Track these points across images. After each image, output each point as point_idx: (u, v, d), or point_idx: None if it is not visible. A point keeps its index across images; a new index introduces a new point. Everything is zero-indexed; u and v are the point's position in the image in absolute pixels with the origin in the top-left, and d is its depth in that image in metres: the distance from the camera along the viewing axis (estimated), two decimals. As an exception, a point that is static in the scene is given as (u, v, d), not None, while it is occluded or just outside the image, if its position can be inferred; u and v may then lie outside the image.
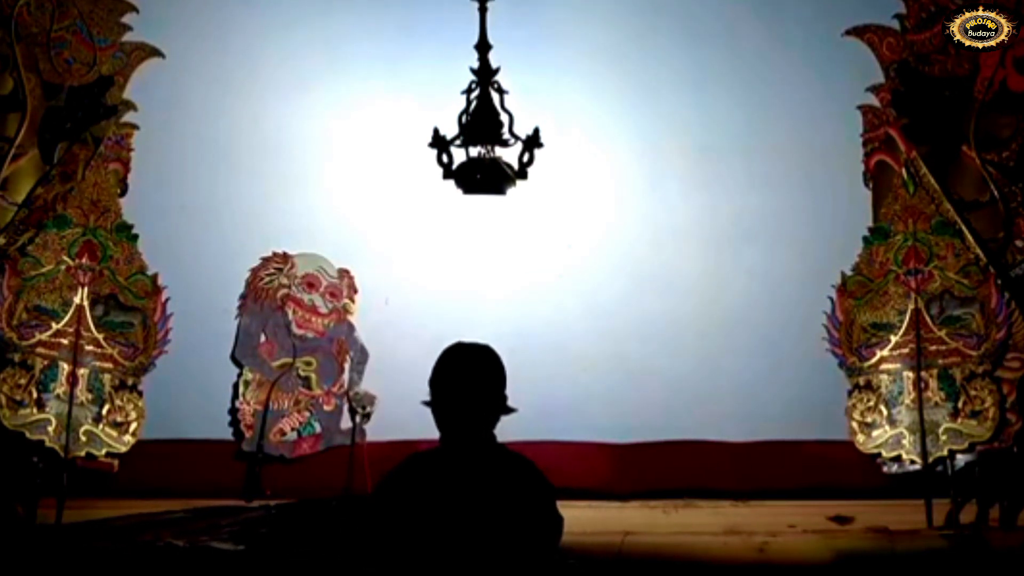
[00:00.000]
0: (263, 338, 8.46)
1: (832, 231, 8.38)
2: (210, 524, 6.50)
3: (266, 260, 8.55)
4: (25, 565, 6.17)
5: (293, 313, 8.46)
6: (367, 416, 8.18)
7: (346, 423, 8.47)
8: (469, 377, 3.91)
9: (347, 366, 8.45)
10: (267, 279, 8.47)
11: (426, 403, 3.94)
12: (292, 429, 8.38)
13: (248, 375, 8.39)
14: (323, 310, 8.51)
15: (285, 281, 8.48)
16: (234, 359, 8.43)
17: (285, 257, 8.54)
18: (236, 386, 8.39)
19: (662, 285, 8.80)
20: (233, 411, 8.34)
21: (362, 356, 8.47)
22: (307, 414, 8.41)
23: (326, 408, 8.45)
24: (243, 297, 8.49)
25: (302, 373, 8.44)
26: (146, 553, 5.92)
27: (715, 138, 8.93)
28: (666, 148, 8.97)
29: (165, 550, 5.90)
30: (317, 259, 8.56)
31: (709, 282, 8.80)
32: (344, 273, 8.56)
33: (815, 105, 8.77)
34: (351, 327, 8.53)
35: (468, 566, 3.72)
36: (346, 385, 8.40)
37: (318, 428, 8.43)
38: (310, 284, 8.51)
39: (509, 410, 3.94)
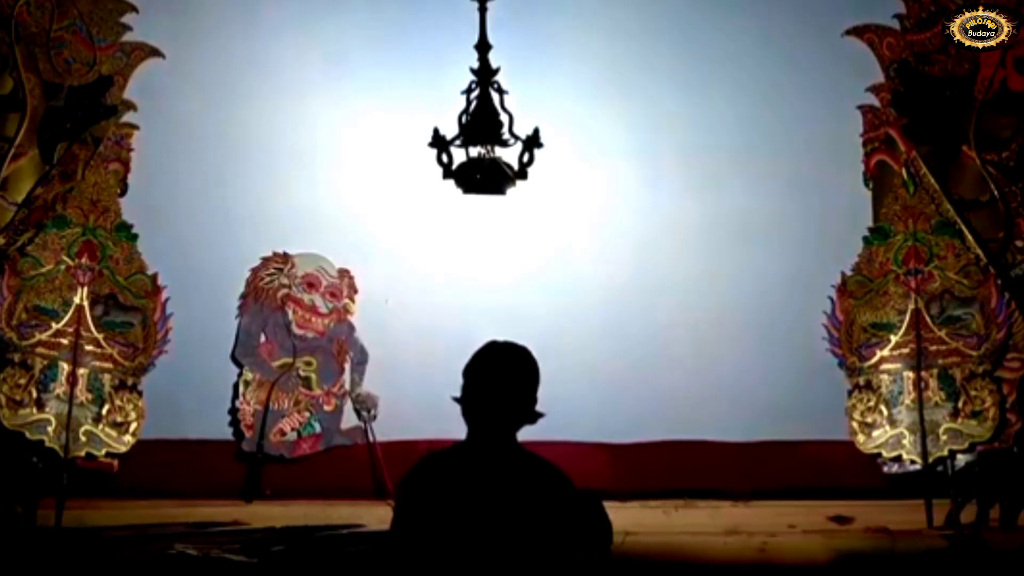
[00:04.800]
0: (263, 338, 8.46)
1: (832, 231, 8.38)
2: (215, 538, 6.50)
3: (266, 260, 8.55)
4: (25, 566, 6.17)
5: (293, 313, 8.46)
6: (372, 417, 8.18)
7: (346, 423, 8.46)
8: (501, 376, 3.88)
9: (347, 367, 8.44)
10: (267, 279, 8.47)
11: (456, 399, 3.91)
12: (292, 429, 8.38)
13: (248, 375, 8.39)
14: (323, 310, 8.51)
15: (285, 281, 8.47)
16: (234, 359, 8.43)
17: (285, 257, 8.54)
18: (236, 386, 8.39)
19: (662, 285, 8.81)
20: (233, 411, 8.34)
21: (362, 356, 8.47)
22: (307, 414, 8.40)
23: (326, 408, 8.45)
24: (243, 297, 8.49)
25: (302, 373, 8.43)
26: (158, 561, 5.91)
27: (715, 138, 8.93)
28: (666, 148, 8.98)
29: (177, 559, 5.89)
30: (317, 259, 8.56)
31: (709, 282, 8.80)
32: (344, 273, 8.56)
33: (815, 105, 8.77)
34: (351, 327, 8.53)
35: (497, 567, 3.69)
36: (348, 387, 8.39)
37: (318, 428, 8.43)
38: (310, 284, 8.51)
39: (537, 415, 3.92)
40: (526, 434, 3.90)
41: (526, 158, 7.23)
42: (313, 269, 8.53)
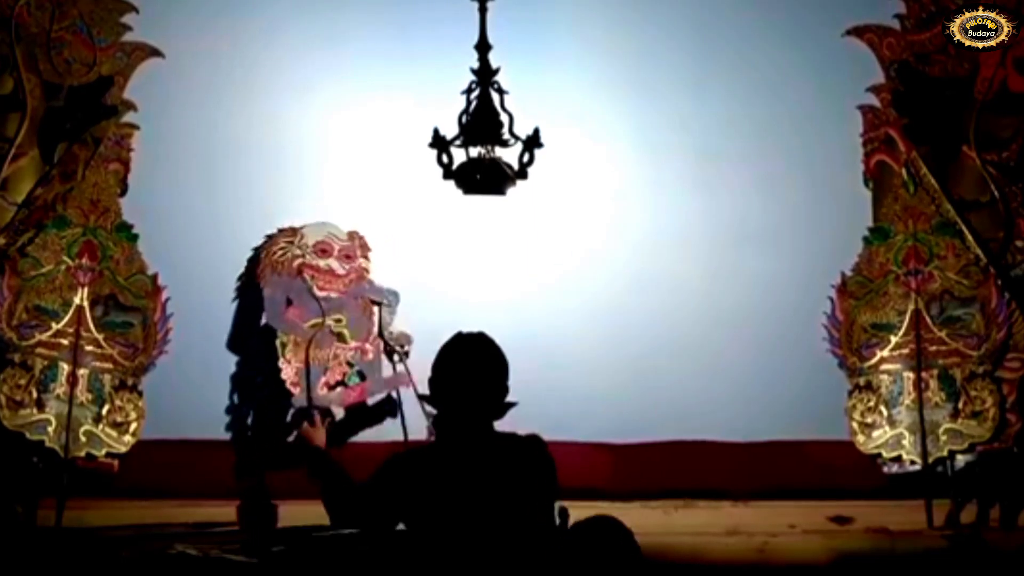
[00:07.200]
0: (289, 304, 8.34)
1: (832, 231, 8.38)
2: (215, 538, 6.50)
3: (273, 237, 8.44)
4: (25, 566, 6.18)
5: (311, 279, 8.37)
6: (406, 354, 8.09)
7: (386, 371, 8.36)
8: (470, 367, 3.89)
9: (377, 313, 8.31)
10: (280, 253, 8.36)
11: (423, 397, 3.93)
12: (336, 382, 8.26)
13: (284, 337, 8.28)
14: (340, 272, 8.41)
15: (298, 252, 8.38)
16: (266, 327, 8.30)
17: (293, 231, 8.46)
18: (273, 350, 8.25)
19: (663, 286, 8.80)
20: (274, 371, 8.18)
21: (394, 299, 8.38)
22: (348, 367, 8.30)
23: (365, 359, 8.31)
24: (252, 273, 8.34)
25: (334, 329, 8.33)
26: (158, 561, 5.93)
27: (715, 139, 8.93)
28: (666, 149, 8.97)
29: (177, 559, 5.90)
30: (325, 226, 8.44)
31: (709, 283, 8.80)
32: (354, 235, 8.46)
33: (815, 105, 8.77)
34: (371, 283, 8.44)
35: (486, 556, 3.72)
36: (378, 327, 8.27)
37: (362, 378, 8.30)
38: (323, 250, 8.40)
39: (508, 405, 3.92)
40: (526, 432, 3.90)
41: (526, 158, 7.23)
42: (323, 236, 8.44)
